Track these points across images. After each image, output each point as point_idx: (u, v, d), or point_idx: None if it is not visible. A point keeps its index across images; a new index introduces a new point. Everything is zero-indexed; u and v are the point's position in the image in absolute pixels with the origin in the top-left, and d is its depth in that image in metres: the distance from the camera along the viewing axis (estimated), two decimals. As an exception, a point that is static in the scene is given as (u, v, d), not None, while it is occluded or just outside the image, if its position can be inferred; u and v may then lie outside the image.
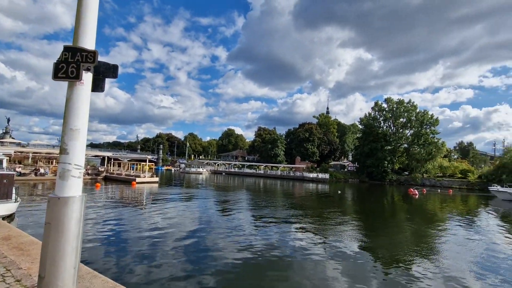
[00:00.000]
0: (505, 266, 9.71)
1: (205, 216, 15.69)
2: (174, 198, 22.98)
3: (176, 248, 9.55)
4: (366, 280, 7.76)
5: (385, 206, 27.33)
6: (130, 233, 11.30)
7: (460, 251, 11.43)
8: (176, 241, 10.37)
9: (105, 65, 2.96)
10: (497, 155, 77.48)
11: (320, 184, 50.77)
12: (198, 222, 14.00)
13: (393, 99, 67.67)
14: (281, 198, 27.60)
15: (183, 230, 12.13)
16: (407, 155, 65.93)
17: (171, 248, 9.52)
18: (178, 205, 19.23)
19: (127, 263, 8.05)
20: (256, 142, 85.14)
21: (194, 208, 18.51)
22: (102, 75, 2.96)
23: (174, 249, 9.49)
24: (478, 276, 8.49)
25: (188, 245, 10.00)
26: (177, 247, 9.72)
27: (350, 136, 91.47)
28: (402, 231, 15.50)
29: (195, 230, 12.31)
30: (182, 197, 23.91)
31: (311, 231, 13.34)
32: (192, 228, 12.54)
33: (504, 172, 55.76)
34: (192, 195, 25.99)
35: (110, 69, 3.00)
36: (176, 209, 17.42)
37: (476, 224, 18.63)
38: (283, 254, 9.60)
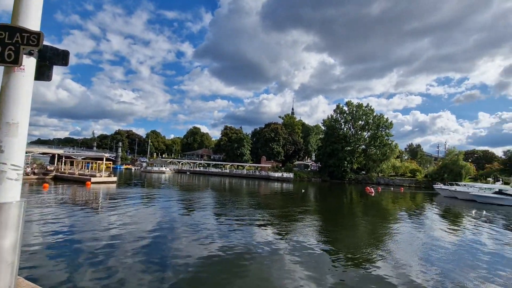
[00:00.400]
0: (445, 256, 10.76)
1: (167, 216, 15.02)
2: (134, 198, 21.69)
3: (135, 252, 8.95)
4: (324, 275, 8.01)
5: (345, 204, 28.79)
6: (82, 238, 10.34)
7: (408, 243, 12.42)
8: (136, 245, 9.73)
9: (53, 50, 2.56)
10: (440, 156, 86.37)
11: (285, 183, 51.89)
12: (160, 223, 13.33)
13: (353, 103, 71.64)
14: (247, 197, 27.60)
15: (143, 232, 11.45)
16: (364, 155, 70.28)
17: (130, 252, 8.90)
18: (138, 206, 18.16)
19: (79, 272, 7.33)
20: (223, 141, 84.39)
21: (156, 208, 17.63)
22: (49, 61, 2.56)
23: (133, 253, 8.88)
24: (423, 266, 9.26)
25: (148, 248, 9.44)
26: (136, 250, 9.12)
27: (314, 137, 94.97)
28: (359, 227, 16.42)
29: (156, 231, 11.69)
30: (142, 198, 22.67)
31: (274, 230, 13.48)
32: (153, 230, 11.90)
33: (446, 172, 62.38)
34: (153, 195, 24.78)
35: (59, 55, 2.60)
36: (136, 210, 16.43)
37: (422, 218, 20.47)
38: (246, 253, 9.53)
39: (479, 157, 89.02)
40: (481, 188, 37.41)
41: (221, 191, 32.02)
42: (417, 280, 7.98)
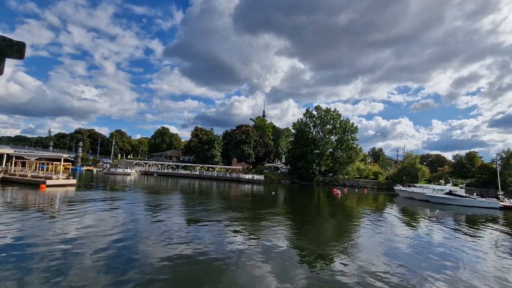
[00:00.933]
0: (402, 252, 11.58)
1: (131, 221, 14.31)
2: (95, 202, 20.36)
3: (96, 260, 8.40)
4: (292, 275, 8.19)
5: (313, 205, 29.68)
6: (35, 246, 9.46)
7: (371, 241, 13.15)
8: (96, 252, 9.14)
9: (5, 41, 2.34)
10: (400, 160, 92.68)
11: (255, 185, 52.15)
12: (123, 227, 12.66)
13: (321, 108, 74.32)
14: (217, 199, 27.29)
15: (105, 237, 10.79)
16: (332, 158, 73.13)
17: (90, 260, 8.33)
18: (99, 210, 17.08)
19: (29, 285, 6.70)
20: (193, 142, 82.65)
21: (119, 212, 16.70)
22: (0, 53, 2.34)
23: (94, 260, 8.33)
24: (384, 262, 9.87)
25: (110, 254, 8.91)
26: (97, 258, 8.56)
27: (284, 140, 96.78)
28: (327, 227, 17.04)
29: (119, 236, 11.07)
30: (104, 201, 21.35)
31: (244, 232, 13.49)
32: (116, 235, 11.26)
33: (404, 174, 67.13)
34: (117, 198, 23.46)
35: (14, 47, 2.38)
36: (97, 215, 15.44)
37: (383, 218, 21.80)
38: (215, 256, 9.42)
39: (432, 161, 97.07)
40: (434, 189, 40.79)
41: (190, 194, 31.30)
42: (378, 276, 8.47)
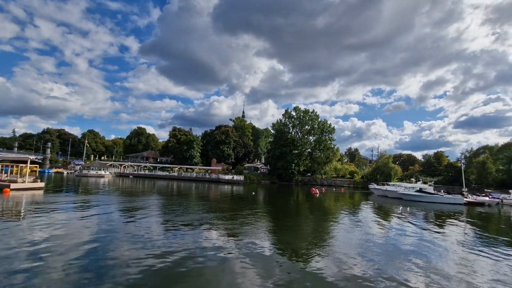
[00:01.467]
0: (377, 247, 12.04)
1: (105, 225, 13.67)
2: (65, 206, 19.25)
3: (65, 268, 7.92)
4: (272, 275, 8.23)
5: (292, 204, 30.08)
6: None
7: (347, 238, 13.55)
8: (66, 259, 8.62)
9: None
10: (374, 159, 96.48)
11: (235, 186, 51.96)
12: (97, 233, 12.08)
13: (300, 108, 75.61)
14: (196, 201, 26.86)
15: (77, 244, 10.22)
16: (310, 158, 74.59)
17: (59, 269, 7.84)
18: (70, 215, 16.17)
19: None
20: (171, 143, 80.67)
21: (92, 217, 15.91)
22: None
23: (63, 269, 7.85)
24: (360, 258, 10.20)
25: (82, 262, 8.44)
26: (67, 266, 8.08)
27: (263, 140, 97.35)
28: (305, 226, 17.32)
29: (92, 242, 10.53)
30: (75, 205, 20.25)
31: (224, 233, 13.38)
32: (89, 241, 10.70)
33: (378, 173, 69.93)
34: (89, 202, 22.31)
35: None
36: (67, 220, 14.60)
37: (359, 215, 22.56)
38: (194, 258, 9.24)
39: (404, 160, 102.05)
40: (406, 187, 42.90)
41: (168, 195, 30.54)
42: (354, 271, 8.73)
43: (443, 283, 8.27)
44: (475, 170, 66.52)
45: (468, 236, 16.80)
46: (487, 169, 64.09)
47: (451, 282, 8.44)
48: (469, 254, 12.06)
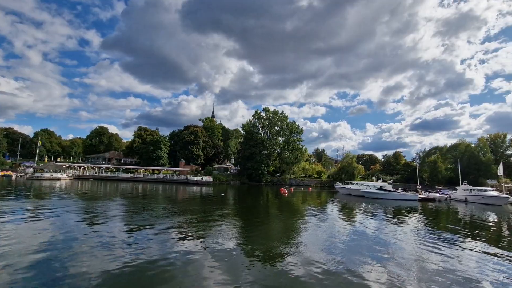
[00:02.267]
0: (342, 243, 12.61)
1: (62, 232, 12.58)
2: (13, 213, 17.40)
3: (13, 278, 7.15)
4: (241, 276, 8.22)
5: (262, 204, 30.33)
6: None
7: (315, 235, 14.01)
8: (17, 270, 7.79)
9: None
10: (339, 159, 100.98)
11: (204, 187, 51.10)
12: (52, 240, 11.08)
13: (269, 109, 76.62)
14: (163, 203, 25.91)
15: (29, 254, 9.28)
16: (279, 159, 75.89)
17: (7, 279, 7.06)
18: (19, 222, 14.65)
19: None
20: (136, 143, 76.91)
21: (46, 223, 14.54)
22: None
23: (14, 281, 7.08)
24: (326, 253, 10.60)
25: (33, 272, 7.68)
26: (15, 276, 7.30)
27: (233, 141, 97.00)
28: (274, 225, 17.56)
29: (48, 251, 9.63)
30: (26, 211, 18.39)
31: (193, 235, 13.07)
32: (43, 250, 9.76)
33: (343, 173, 73.23)
34: (42, 208, 20.33)
35: None
36: (17, 227, 13.21)
37: (326, 213, 23.43)
38: (160, 262, 8.90)
39: (366, 160, 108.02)
40: (368, 185, 45.51)
41: (133, 198, 29.07)
42: (321, 267, 9.03)
43: (400, 272, 8.88)
44: (428, 169, 72.63)
45: (421, 229, 18.26)
46: (438, 168, 70.38)
47: (408, 271, 9.09)
48: (421, 245, 13.10)
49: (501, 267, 10.21)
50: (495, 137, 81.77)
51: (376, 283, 7.99)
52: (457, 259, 11.00)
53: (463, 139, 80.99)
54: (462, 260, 10.96)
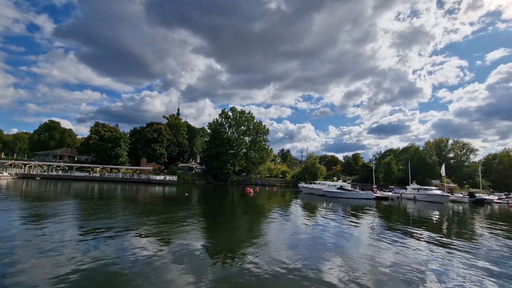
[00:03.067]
0: (305, 240, 13.04)
1: (2, 238, 11.21)
2: None
3: None
4: (205, 277, 8.07)
5: (227, 204, 30.14)
6: None
7: (279, 234, 14.29)
8: None
9: None
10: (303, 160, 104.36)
11: (168, 187, 49.33)
12: (-12, 247, 9.80)
13: (236, 109, 76.55)
14: (122, 204, 24.44)
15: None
16: (245, 158, 76.15)
17: None
18: None
19: None
20: (92, 140, 71.47)
21: (-19, 228, 12.86)
22: None
23: None
24: (291, 252, 10.86)
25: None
26: None
27: (199, 139, 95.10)
28: (239, 224, 17.55)
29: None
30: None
31: (155, 237, 12.51)
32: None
33: (307, 173, 75.84)
34: (-22, 209, 17.98)
35: None
36: None
37: (289, 212, 24.04)
38: (121, 266, 8.36)
39: (328, 161, 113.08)
40: (329, 185, 47.71)
41: (87, 199, 26.99)
42: (285, 265, 9.21)
43: (357, 267, 9.42)
44: (383, 170, 78.32)
45: (376, 225, 19.61)
46: (391, 169, 76.29)
47: (364, 264, 9.68)
48: (375, 239, 14.05)
49: (442, 254, 11.36)
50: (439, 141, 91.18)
51: (335, 278, 8.36)
52: (406, 250, 11.99)
53: (413, 143, 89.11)
54: (410, 250, 11.97)
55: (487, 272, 9.66)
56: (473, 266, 10.28)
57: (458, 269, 9.88)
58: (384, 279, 8.51)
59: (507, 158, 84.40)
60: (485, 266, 10.46)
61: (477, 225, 22.68)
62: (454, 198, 48.76)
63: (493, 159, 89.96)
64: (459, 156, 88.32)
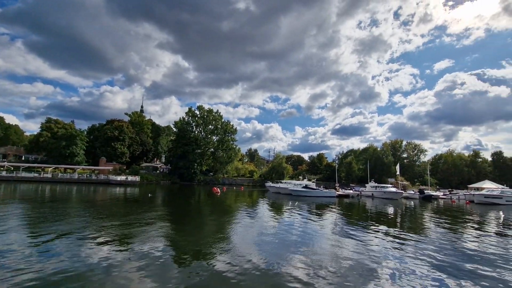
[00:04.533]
0: (272, 238, 13.27)
1: None
2: None
3: None
4: (169, 280, 7.83)
5: (193, 204, 29.49)
6: None
7: (246, 233, 14.36)
8: None
9: None
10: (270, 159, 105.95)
11: (129, 188, 46.86)
12: None
13: (204, 108, 75.28)
14: (78, 207, 22.65)
15: None
16: (213, 158, 75.19)
17: None
18: None
19: None
20: (43, 137, 65.25)
21: None
22: None
23: None
24: (256, 249, 10.98)
25: None
26: None
27: (165, 138, 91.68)
28: (205, 225, 17.28)
29: None
30: None
31: (115, 241, 11.80)
32: None
33: (274, 172, 77.24)
34: None
35: None
36: None
37: (256, 211, 24.25)
38: (77, 272, 7.75)
39: (294, 160, 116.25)
40: (295, 184, 49.08)
41: (37, 202, 24.56)
42: (252, 263, 9.27)
43: (321, 261, 9.82)
44: (345, 169, 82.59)
45: (338, 221, 20.62)
46: (352, 168, 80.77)
47: (327, 260, 10.12)
48: (337, 234, 14.79)
49: (396, 245, 12.32)
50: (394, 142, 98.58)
51: (301, 273, 8.63)
52: (365, 243, 12.79)
53: (372, 144, 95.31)
54: (368, 243, 12.79)
55: (434, 259, 10.70)
56: (422, 255, 11.30)
57: (409, 257, 10.79)
58: (345, 272, 8.98)
59: (450, 158, 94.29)
60: (431, 254, 11.55)
61: (426, 218, 24.96)
62: (407, 195, 53.11)
63: (439, 159, 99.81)
64: (412, 156, 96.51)
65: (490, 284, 8.50)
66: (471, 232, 18.34)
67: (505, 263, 10.82)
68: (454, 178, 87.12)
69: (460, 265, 10.30)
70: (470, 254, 12.11)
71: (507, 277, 9.24)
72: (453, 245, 13.73)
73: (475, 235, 17.22)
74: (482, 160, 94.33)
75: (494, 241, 15.39)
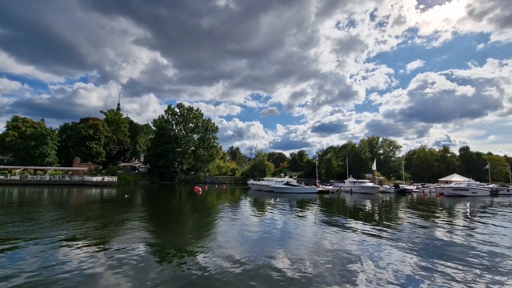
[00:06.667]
0: (254, 234, 13.31)
1: None
2: None
3: None
4: (153, 280, 7.64)
5: (173, 204, 28.94)
6: None
7: (229, 231, 14.30)
8: None
9: None
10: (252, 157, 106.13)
11: (106, 189, 45.12)
12: None
13: (184, 105, 73.91)
14: (49, 210, 21.44)
15: None
16: (194, 156, 74.11)
17: None
18: None
19: None
20: (9, 137, 61.19)
21: None
22: None
23: None
24: (240, 247, 10.96)
25: None
26: None
27: (143, 137, 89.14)
28: (187, 224, 17.03)
29: None
30: None
31: (91, 244, 11.31)
32: None
33: (256, 170, 77.44)
34: None
35: None
36: None
37: (238, 209, 24.23)
38: (52, 279, 7.35)
39: (276, 158, 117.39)
40: (277, 181, 49.51)
41: (2, 207, 23.04)
42: (235, 261, 9.25)
43: (303, 254, 9.99)
44: (325, 165, 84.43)
45: (318, 216, 21.07)
46: (332, 165, 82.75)
47: (308, 254, 10.31)
48: (318, 229, 15.11)
49: (374, 237, 12.79)
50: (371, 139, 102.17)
51: (284, 269, 8.72)
52: (345, 237, 13.17)
53: (350, 141, 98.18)
54: (347, 237, 13.17)
55: (408, 249, 11.22)
56: (397, 246, 11.81)
57: (386, 248, 11.24)
58: (326, 265, 9.19)
59: (423, 154, 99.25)
60: (406, 245, 12.10)
61: (400, 211, 26.11)
62: (383, 189, 55.27)
63: (413, 154, 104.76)
64: (387, 152, 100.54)
65: (459, 269, 9.04)
66: (440, 223, 19.43)
67: (470, 250, 11.58)
68: (426, 172, 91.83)
69: (431, 253, 10.88)
70: (440, 243, 12.83)
71: (474, 264, 9.87)
72: (424, 235, 14.47)
73: (444, 225, 18.27)
74: (451, 155, 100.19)
75: (459, 230, 16.40)
